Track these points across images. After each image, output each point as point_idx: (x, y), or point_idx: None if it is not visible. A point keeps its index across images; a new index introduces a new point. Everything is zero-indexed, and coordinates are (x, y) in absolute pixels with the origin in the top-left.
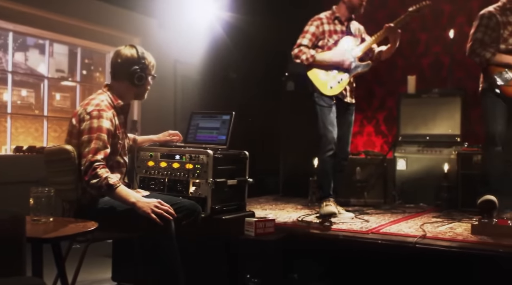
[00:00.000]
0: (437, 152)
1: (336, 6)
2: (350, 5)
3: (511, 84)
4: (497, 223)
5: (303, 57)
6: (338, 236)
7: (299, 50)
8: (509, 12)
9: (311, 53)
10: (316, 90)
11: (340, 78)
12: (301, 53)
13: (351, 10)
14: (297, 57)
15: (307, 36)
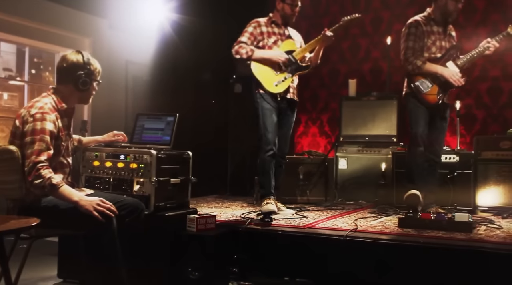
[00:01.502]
0: (376, 151)
1: (272, 14)
2: (283, 14)
3: (431, 93)
4: (420, 217)
5: (242, 51)
6: (277, 231)
7: (239, 46)
8: (433, 22)
9: (251, 47)
10: (260, 90)
11: (284, 77)
12: (241, 48)
13: (284, 18)
14: (237, 52)
15: (246, 35)
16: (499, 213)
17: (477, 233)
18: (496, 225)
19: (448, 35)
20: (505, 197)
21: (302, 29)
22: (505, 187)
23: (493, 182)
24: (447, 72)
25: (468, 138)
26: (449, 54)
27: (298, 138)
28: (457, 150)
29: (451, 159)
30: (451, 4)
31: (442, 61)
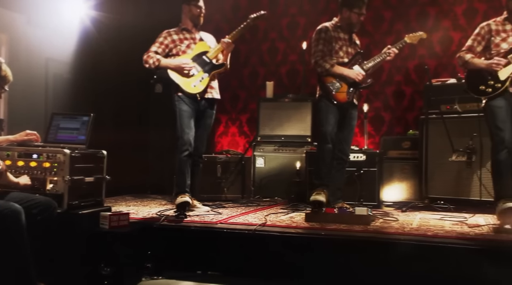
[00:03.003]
0: (291, 151)
1: (181, 22)
2: (191, 16)
3: (341, 91)
4: (325, 211)
5: (150, 61)
6: (190, 227)
7: (147, 56)
8: (340, 30)
9: (157, 57)
10: (178, 91)
11: (201, 77)
12: (149, 58)
13: (192, 20)
14: (145, 61)
15: (156, 44)
16: (400, 207)
17: (373, 225)
18: (393, 218)
19: (353, 42)
20: (407, 192)
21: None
22: (407, 183)
23: (396, 179)
24: (352, 73)
25: (377, 138)
26: (355, 59)
27: (218, 138)
28: (364, 150)
29: (359, 158)
30: (353, 17)
31: (349, 65)
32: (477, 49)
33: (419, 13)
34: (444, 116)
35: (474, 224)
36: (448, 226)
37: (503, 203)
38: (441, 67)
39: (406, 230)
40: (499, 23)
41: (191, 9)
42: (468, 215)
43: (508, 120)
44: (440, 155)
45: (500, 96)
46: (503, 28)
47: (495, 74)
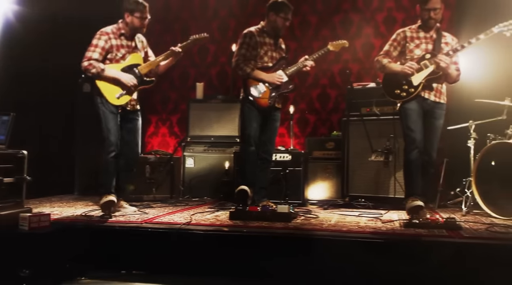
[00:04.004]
0: (220, 151)
1: (122, 22)
2: (132, 27)
3: (263, 97)
4: (249, 209)
5: (93, 70)
6: (114, 227)
7: (89, 64)
8: (266, 34)
9: (101, 67)
10: (103, 97)
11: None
12: (91, 67)
13: (133, 30)
14: (87, 70)
15: (97, 50)
16: (323, 205)
17: (294, 222)
18: (314, 215)
19: (279, 47)
20: (330, 191)
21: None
22: (330, 182)
23: (320, 178)
24: (271, 78)
25: (302, 139)
26: (279, 64)
27: (148, 138)
28: (290, 150)
29: (285, 158)
30: (279, 21)
31: (273, 69)
32: (393, 53)
33: (343, 20)
34: (364, 118)
35: (388, 219)
36: (364, 222)
37: (412, 200)
38: (363, 71)
39: (324, 226)
40: (414, 30)
41: (133, 20)
42: (383, 212)
43: (419, 122)
44: (360, 155)
45: (414, 100)
46: (417, 35)
47: (409, 79)
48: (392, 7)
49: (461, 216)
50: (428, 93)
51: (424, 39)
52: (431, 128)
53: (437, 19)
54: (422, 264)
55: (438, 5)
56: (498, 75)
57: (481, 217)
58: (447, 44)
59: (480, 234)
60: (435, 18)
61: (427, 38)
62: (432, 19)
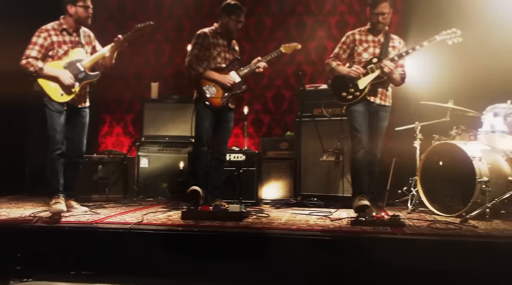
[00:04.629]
0: (175, 151)
1: (63, 17)
2: (77, 18)
3: (216, 96)
4: (200, 209)
5: (31, 69)
6: (64, 228)
7: (27, 62)
8: (219, 36)
9: (39, 66)
10: (46, 95)
11: None
12: (29, 65)
13: (78, 22)
14: (25, 68)
15: (36, 48)
16: (276, 204)
17: (245, 222)
18: (265, 214)
19: (232, 48)
20: (283, 190)
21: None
22: (283, 181)
23: (274, 177)
24: (223, 79)
25: (257, 140)
26: (232, 65)
27: (102, 138)
28: (244, 150)
29: (239, 158)
30: (231, 24)
31: (226, 70)
32: (342, 56)
33: (297, 23)
34: (315, 119)
35: (337, 217)
36: (313, 220)
37: (358, 199)
38: (317, 74)
39: (274, 225)
40: (363, 33)
41: (77, 11)
42: (333, 210)
43: (365, 123)
44: (312, 155)
45: (360, 102)
46: (365, 38)
47: (355, 82)
48: (344, 11)
49: (406, 214)
50: (374, 97)
51: (372, 43)
52: (375, 130)
53: (385, 23)
54: (367, 259)
55: (386, 10)
56: (442, 79)
57: (425, 215)
58: (394, 48)
59: (421, 230)
60: (383, 22)
61: (375, 42)
62: (380, 23)
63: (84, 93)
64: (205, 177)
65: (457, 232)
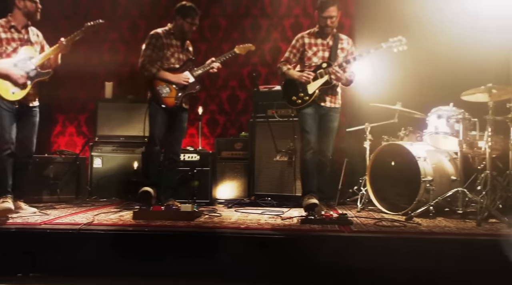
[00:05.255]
0: (130, 151)
1: (11, 14)
2: (26, 12)
3: (170, 96)
4: (152, 209)
5: None
6: (10, 229)
7: None
8: (173, 36)
9: None
10: None
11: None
12: None
13: (27, 16)
14: None
15: None
16: (230, 204)
17: (197, 221)
18: (217, 214)
19: (185, 49)
20: (238, 190)
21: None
22: (238, 181)
23: (229, 177)
24: (176, 79)
25: (212, 140)
26: (186, 65)
27: (55, 138)
28: (198, 150)
29: (193, 158)
30: (186, 26)
31: (179, 71)
32: (293, 60)
33: (252, 24)
34: (269, 120)
35: (287, 216)
36: (264, 219)
37: (307, 198)
38: (271, 75)
39: (224, 224)
40: (312, 36)
41: (26, 4)
42: (286, 209)
43: (314, 125)
44: (266, 156)
45: (310, 106)
46: (314, 42)
47: (305, 87)
48: (299, 13)
49: (356, 212)
50: (323, 101)
51: (321, 46)
52: (326, 130)
53: (333, 27)
54: (315, 257)
55: (334, 13)
56: (391, 82)
57: (374, 213)
58: (342, 50)
59: (368, 228)
60: (331, 25)
61: (324, 45)
62: (328, 27)
63: (35, 92)
64: (158, 177)
65: (401, 229)
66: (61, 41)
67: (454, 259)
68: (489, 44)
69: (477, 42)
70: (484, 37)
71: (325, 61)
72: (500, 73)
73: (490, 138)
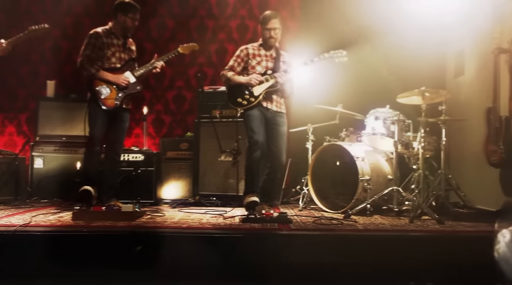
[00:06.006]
0: (72, 151)
1: None
2: None
3: (109, 97)
4: (92, 210)
5: None
6: None
7: None
8: (113, 36)
9: None
10: None
11: None
12: None
13: None
14: None
15: None
16: (175, 204)
17: (138, 221)
18: (161, 214)
19: (127, 48)
20: (183, 190)
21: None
22: (183, 181)
23: (174, 177)
24: (116, 78)
25: (157, 140)
26: (127, 65)
27: None
28: (143, 150)
29: (137, 158)
30: (128, 22)
31: (120, 71)
32: (237, 69)
33: (198, 25)
34: (214, 120)
35: (230, 216)
36: (206, 219)
37: (249, 197)
38: (217, 76)
39: (166, 223)
40: (256, 48)
41: None
42: (229, 209)
43: (261, 126)
44: (211, 156)
45: (256, 108)
46: (258, 53)
47: (251, 90)
48: (244, 15)
49: (297, 211)
50: (270, 103)
51: (265, 57)
52: (276, 135)
53: (276, 38)
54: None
55: (277, 25)
56: (333, 84)
57: (315, 212)
58: (284, 63)
59: (306, 226)
60: (274, 37)
61: (267, 56)
62: (272, 38)
63: None
64: (98, 177)
65: (338, 227)
66: (1, 43)
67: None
68: (425, 49)
69: (414, 47)
70: (421, 41)
71: (269, 69)
72: (436, 76)
73: (423, 139)
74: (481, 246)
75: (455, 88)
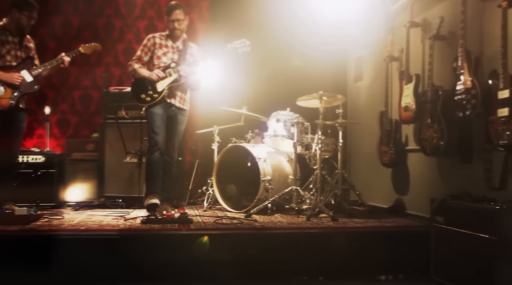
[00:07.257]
0: None
1: None
2: None
3: (4, 97)
4: None
5: None
6: None
7: None
8: (8, 33)
9: None
10: None
11: None
12: None
13: None
14: None
15: None
16: (78, 206)
17: (33, 225)
18: (60, 217)
19: (24, 46)
20: (89, 192)
21: None
22: (89, 183)
23: (80, 179)
24: (9, 78)
25: (62, 141)
26: (24, 63)
27: None
28: (44, 151)
29: (37, 159)
30: (23, 19)
31: (16, 69)
32: (144, 59)
33: (105, 24)
34: (119, 121)
35: (132, 217)
36: (107, 221)
37: (149, 198)
38: (125, 76)
39: (63, 226)
40: (163, 37)
41: None
42: (131, 210)
43: (163, 126)
44: (116, 157)
45: (159, 105)
46: (165, 43)
47: (154, 85)
48: (153, 16)
49: (202, 211)
50: (173, 99)
51: (172, 49)
52: (173, 132)
53: (181, 29)
54: (153, 254)
55: (181, 16)
56: (239, 87)
57: (219, 212)
58: (191, 55)
59: (206, 226)
60: (179, 28)
61: (174, 48)
62: (177, 29)
63: None
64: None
65: (237, 226)
66: None
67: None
68: (329, 53)
69: (316, 50)
70: (323, 46)
71: (174, 61)
72: (338, 80)
73: (321, 141)
74: (367, 240)
75: (355, 92)
